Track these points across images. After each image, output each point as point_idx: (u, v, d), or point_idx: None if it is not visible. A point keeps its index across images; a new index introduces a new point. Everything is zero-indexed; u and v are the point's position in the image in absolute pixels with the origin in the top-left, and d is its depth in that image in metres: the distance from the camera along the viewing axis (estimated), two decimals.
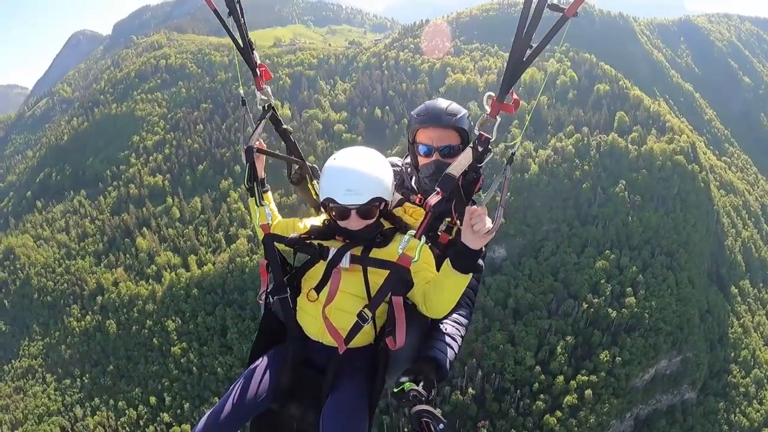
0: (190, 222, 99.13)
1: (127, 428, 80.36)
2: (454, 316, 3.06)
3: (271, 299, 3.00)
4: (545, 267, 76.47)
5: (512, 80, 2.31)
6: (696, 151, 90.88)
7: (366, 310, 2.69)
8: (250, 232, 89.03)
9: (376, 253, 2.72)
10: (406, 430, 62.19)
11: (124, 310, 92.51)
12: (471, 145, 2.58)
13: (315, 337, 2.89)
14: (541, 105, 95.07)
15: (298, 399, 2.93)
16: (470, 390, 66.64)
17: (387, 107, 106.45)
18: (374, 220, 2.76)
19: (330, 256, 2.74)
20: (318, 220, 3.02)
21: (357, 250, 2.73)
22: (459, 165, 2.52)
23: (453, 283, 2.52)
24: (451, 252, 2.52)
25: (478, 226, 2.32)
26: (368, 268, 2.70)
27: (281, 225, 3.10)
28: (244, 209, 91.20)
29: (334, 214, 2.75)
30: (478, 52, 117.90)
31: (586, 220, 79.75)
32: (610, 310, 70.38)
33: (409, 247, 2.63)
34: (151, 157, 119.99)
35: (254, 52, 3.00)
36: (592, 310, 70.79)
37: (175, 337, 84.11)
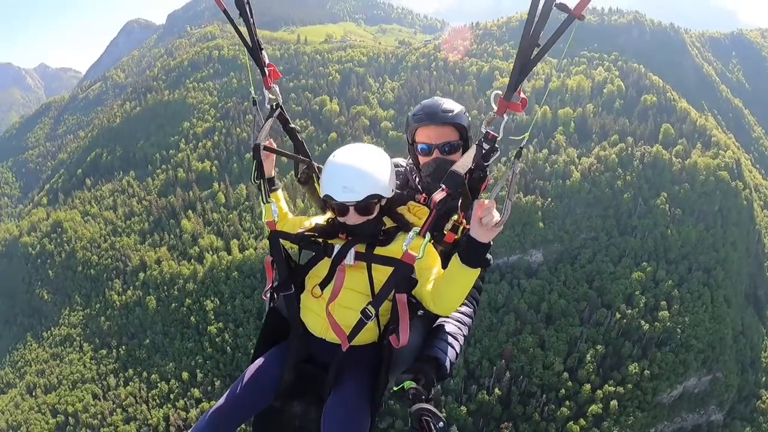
0: (234, 207, 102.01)
1: (157, 400, 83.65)
2: (457, 315, 3.12)
3: (276, 296, 3.07)
4: (581, 274, 76.31)
5: (519, 79, 2.33)
6: (741, 168, 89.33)
7: (369, 307, 2.71)
8: None
9: (380, 250, 2.78)
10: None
11: (165, 287, 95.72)
12: (477, 142, 2.60)
13: (318, 334, 2.92)
14: (587, 113, 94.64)
15: (301, 396, 2.99)
16: (497, 390, 67.20)
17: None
18: (373, 216, 2.82)
19: (334, 253, 2.81)
20: (323, 218, 3.08)
21: (361, 247, 2.79)
22: (464, 163, 2.55)
23: (462, 278, 2.53)
24: (460, 247, 2.53)
25: (487, 219, 2.34)
26: (372, 265, 2.77)
27: (290, 223, 3.20)
28: (288, 197, 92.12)
29: (333, 209, 2.83)
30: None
31: (625, 231, 79.28)
32: (642, 322, 69.85)
33: (413, 245, 2.64)
34: (200, 144, 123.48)
35: (263, 51, 3.07)
36: (624, 320, 70.38)
37: (213, 317, 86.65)
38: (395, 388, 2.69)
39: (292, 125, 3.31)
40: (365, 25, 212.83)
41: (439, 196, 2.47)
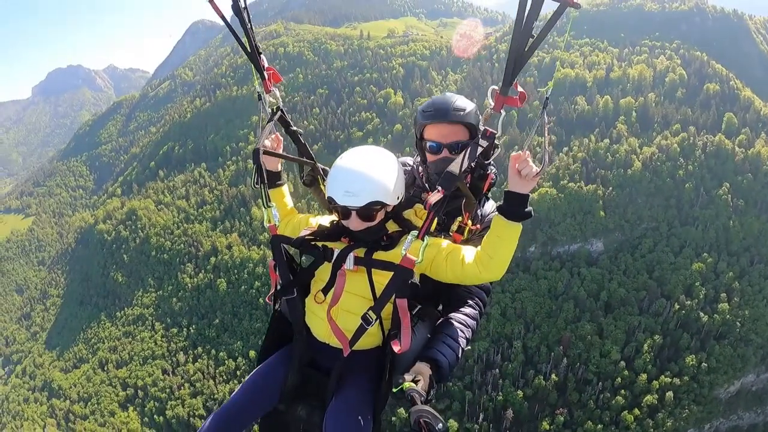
0: (303, 196, 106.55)
1: (224, 376, 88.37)
2: (461, 317, 3.09)
3: (279, 299, 3.09)
4: (641, 264, 76.05)
5: (515, 72, 2.29)
6: None
7: (370, 312, 2.69)
8: None
9: (380, 255, 2.75)
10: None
11: (235, 271, 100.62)
12: (476, 141, 2.59)
13: (322, 339, 2.92)
14: (649, 102, 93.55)
15: (305, 400, 2.97)
16: (553, 376, 67.99)
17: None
18: (375, 222, 2.77)
19: (334, 258, 2.78)
20: (329, 219, 3.07)
21: (360, 252, 2.76)
22: (461, 162, 2.55)
23: (508, 236, 2.50)
24: (500, 205, 2.50)
25: (526, 170, 2.33)
26: (372, 269, 2.74)
27: (294, 223, 3.20)
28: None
29: (337, 213, 2.81)
30: (588, 47, 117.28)
31: (686, 221, 78.55)
32: (701, 314, 69.18)
33: (412, 249, 2.63)
34: None
35: (261, 55, 3.04)
36: (683, 311, 69.91)
37: None
38: (394, 390, 2.67)
39: (294, 128, 3.31)
40: (426, 19, 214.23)
41: (435, 197, 2.52)
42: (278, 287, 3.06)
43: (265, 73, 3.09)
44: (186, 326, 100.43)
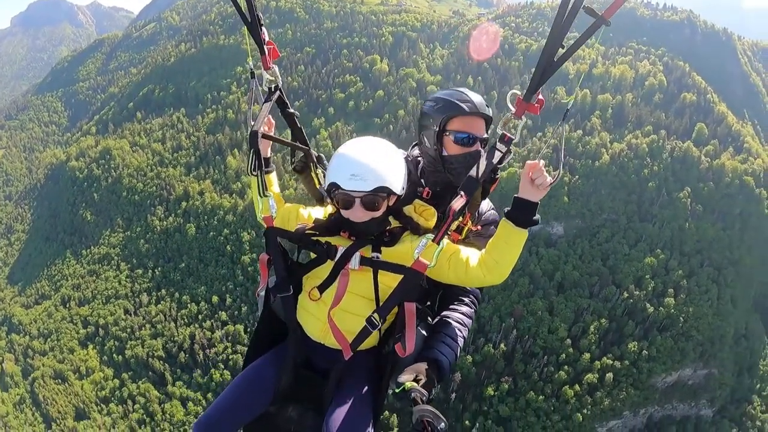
0: (279, 150, 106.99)
1: (185, 319, 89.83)
2: (458, 316, 3.06)
3: (272, 297, 2.93)
4: (597, 251, 78.39)
5: (542, 80, 2.28)
6: None
7: (375, 316, 2.59)
8: None
9: (386, 254, 2.62)
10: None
11: (205, 217, 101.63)
12: (494, 145, 2.55)
13: (316, 338, 2.80)
14: (626, 101, 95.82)
15: (297, 401, 2.90)
16: (502, 346, 70.75)
17: (480, 77, 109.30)
18: (379, 214, 2.62)
19: (338, 256, 2.64)
20: (322, 211, 2.90)
21: (366, 251, 2.63)
22: (483, 167, 2.52)
23: (514, 241, 2.43)
24: (509, 210, 2.44)
25: (540, 180, 2.30)
26: (379, 270, 2.62)
27: (284, 213, 2.92)
28: (331, 147, 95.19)
29: (338, 201, 2.62)
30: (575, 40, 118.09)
31: (645, 218, 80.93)
32: (648, 305, 71.56)
33: (426, 252, 2.53)
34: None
35: (263, 28, 2.84)
36: (631, 300, 72.32)
37: (248, 248, 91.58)
38: (396, 390, 2.57)
39: (291, 110, 3.10)
40: None
41: (458, 203, 2.50)
42: (270, 283, 2.92)
43: (265, 48, 2.85)
44: (152, 268, 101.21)
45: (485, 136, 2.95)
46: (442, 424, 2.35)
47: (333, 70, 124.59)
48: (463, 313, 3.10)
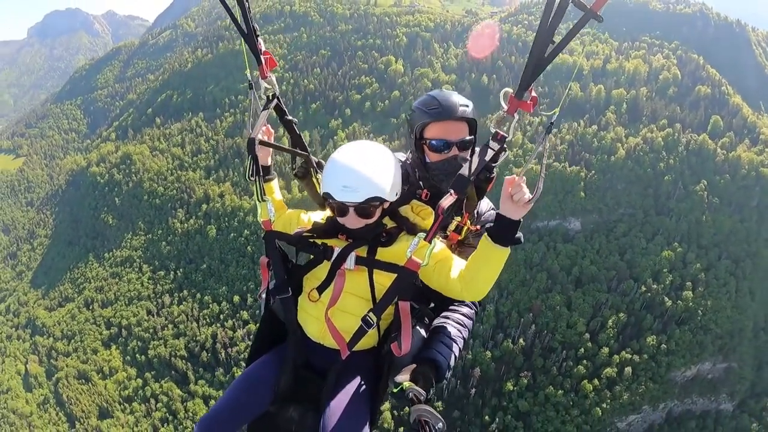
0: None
1: (207, 319, 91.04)
2: (458, 317, 3.06)
3: (272, 298, 2.96)
4: (614, 246, 78.45)
5: (533, 76, 2.22)
6: None
7: (371, 315, 2.63)
8: None
9: (382, 254, 2.67)
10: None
11: (226, 219, 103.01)
12: (487, 143, 2.51)
13: (316, 339, 2.85)
14: (640, 96, 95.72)
15: (297, 401, 2.91)
16: (521, 341, 71.09)
17: (494, 76, 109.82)
18: (374, 220, 2.68)
19: (334, 257, 2.70)
20: (321, 215, 2.93)
21: (362, 251, 2.68)
22: (473, 165, 2.50)
23: (493, 259, 2.36)
24: (490, 227, 2.38)
25: (518, 196, 2.22)
26: (374, 269, 2.67)
27: (285, 218, 3.02)
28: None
29: (333, 209, 2.69)
30: (589, 36, 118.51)
31: (661, 211, 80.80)
32: (666, 298, 71.37)
33: (418, 251, 2.56)
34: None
35: (258, 38, 2.85)
36: (649, 294, 72.28)
37: None
38: (394, 390, 2.60)
39: (289, 117, 3.13)
40: None
41: (447, 201, 2.47)
42: (270, 285, 2.96)
43: (262, 58, 2.92)
44: (173, 270, 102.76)
45: (467, 138, 2.90)
46: (440, 423, 2.40)
47: (349, 71, 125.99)
48: (463, 314, 3.10)
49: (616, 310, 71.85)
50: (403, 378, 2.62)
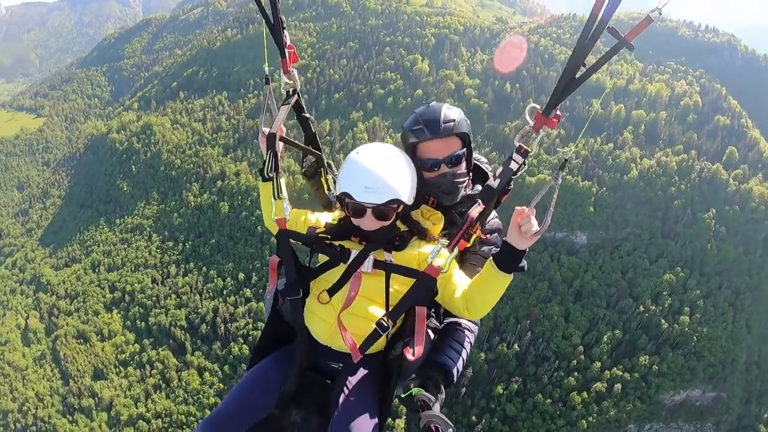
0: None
1: (210, 293, 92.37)
2: (466, 322, 3.08)
3: (281, 299, 2.93)
4: (617, 263, 78.75)
5: (562, 96, 2.28)
6: None
7: (386, 319, 2.60)
8: None
9: (399, 258, 2.68)
10: None
11: (239, 197, 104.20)
12: (511, 156, 2.50)
13: (324, 342, 2.80)
14: (659, 119, 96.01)
15: (302, 404, 2.87)
16: (516, 347, 71.97)
17: (517, 85, 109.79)
18: (390, 222, 2.69)
19: (351, 259, 2.67)
20: (329, 217, 2.94)
21: (380, 254, 2.68)
22: (501, 178, 2.52)
23: (496, 284, 2.47)
24: (496, 253, 2.46)
25: (526, 227, 2.28)
26: (391, 274, 2.66)
27: (294, 216, 2.94)
28: (367, 140, 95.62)
29: (348, 210, 2.67)
30: (615, 56, 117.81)
31: (668, 235, 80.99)
32: (663, 320, 71.71)
33: (439, 258, 2.57)
34: None
35: (285, 31, 2.85)
36: (646, 315, 72.62)
37: None
38: (403, 395, 2.66)
39: (306, 114, 3.16)
40: None
41: (476, 211, 2.54)
42: (279, 285, 2.96)
43: (286, 51, 2.93)
44: (182, 241, 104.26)
45: (457, 153, 2.94)
46: (450, 429, 2.39)
47: (375, 66, 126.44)
48: (470, 320, 3.09)
49: (613, 326, 72.41)
50: (413, 384, 2.67)
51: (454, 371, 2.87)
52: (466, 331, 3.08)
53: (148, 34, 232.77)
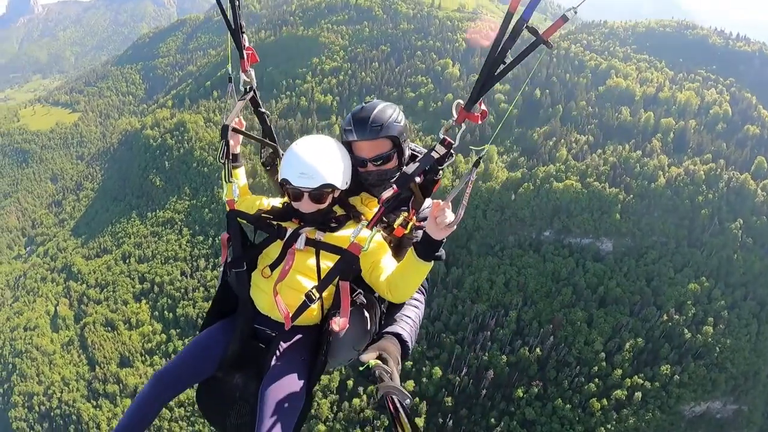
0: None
1: None
2: (413, 302, 3.26)
3: (228, 272, 3.18)
4: (642, 271, 78.31)
5: (482, 91, 2.40)
6: None
7: (314, 291, 2.86)
8: None
9: (329, 237, 2.95)
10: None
11: (270, 195, 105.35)
12: (433, 147, 2.67)
13: (265, 312, 3.05)
14: (688, 127, 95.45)
15: (243, 369, 3.11)
16: (537, 351, 71.89)
17: (547, 90, 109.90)
18: (325, 205, 2.96)
19: (286, 236, 2.97)
20: (279, 201, 3.23)
21: (312, 233, 2.95)
22: (417, 166, 2.70)
23: (417, 270, 2.71)
24: (416, 242, 2.67)
25: (441, 218, 2.45)
26: (320, 251, 2.94)
27: (248, 201, 3.27)
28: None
29: (288, 194, 2.98)
30: (645, 63, 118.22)
31: (694, 244, 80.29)
32: (686, 330, 70.87)
33: (361, 237, 2.84)
34: (325, 79, 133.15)
35: (244, 35, 3.19)
36: (670, 324, 71.93)
37: None
38: (360, 369, 2.69)
39: (263, 110, 3.52)
40: (498, 2, 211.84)
41: (387, 194, 2.70)
42: (228, 259, 3.18)
43: (245, 53, 3.27)
44: (213, 236, 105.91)
45: (383, 153, 3.12)
46: (407, 399, 2.41)
47: (406, 69, 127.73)
48: (415, 298, 3.27)
49: (635, 334, 71.93)
50: (369, 357, 2.74)
51: (410, 341, 3.04)
52: (413, 308, 3.24)
53: (182, 34, 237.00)
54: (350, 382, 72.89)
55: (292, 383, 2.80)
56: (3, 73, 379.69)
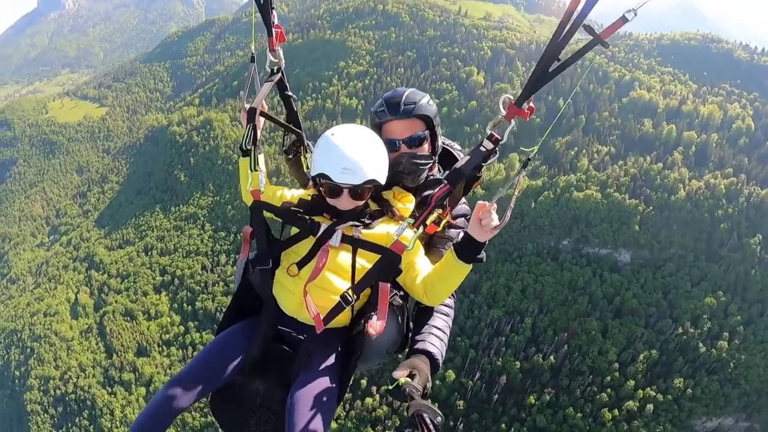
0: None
1: None
2: (444, 308, 3.06)
3: (251, 269, 2.92)
4: (659, 283, 78.29)
5: (534, 88, 2.32)
6: None
7: (350, 292, 2.64)
8: None
9: (366, 235, 2.70)
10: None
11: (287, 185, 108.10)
12: (481, 143, 2.53)
13: (290, 313, 2.82)
14: (710, 141, 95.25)
15: (265, 374, 2.90)
16: (551, 358, 72.22)
17: (570, 100, 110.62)
18: (364, 201, 2.75)
19: (320, 233, 2.70)
20: (304, 193, 2.96)
21: (348, 230, 2.70)
22: (469, 161, 2.55)
23: (456, 272, 2.53)
24: (456, 243, 2.50)
25: (486, 221, 2.32)
26: (358, 249, 2.69)
27: (271, 191, 3.01)
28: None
29: (324, 190, 2.71)
30: (669, 75, 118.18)
31: (712, 258, 79.97)
32: (701, 344, 70.58)
33: (404, 236, 2.61)
34: (351, 83, 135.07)
35: (274, 10, 2.91)
36: (685, 337, 71.75)
37: None
38: (390, 387, 2.51)
39: (289, 93, 3.25)
40: (524, 12, 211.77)
41: (440, 191, 2.58)
42: (250, 255, 2.94)
43: (273, 30, 3.01)
44: (234, 233, 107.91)
45: (416, 135, 2.99)
46: (439, 418, 2.30)
47: (431, 76, 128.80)
48: (446, 305, 3.09)
49: (650, 346, 71.91)
50: (400, 374, 2.60)
51: (439, 358, 2.86)
52: (445, 317, 3.07)
53: (210, 34, 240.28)
54: (363, 382, 73.76)
55: (324, 389, 2.63)
56: (33, 66, 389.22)
